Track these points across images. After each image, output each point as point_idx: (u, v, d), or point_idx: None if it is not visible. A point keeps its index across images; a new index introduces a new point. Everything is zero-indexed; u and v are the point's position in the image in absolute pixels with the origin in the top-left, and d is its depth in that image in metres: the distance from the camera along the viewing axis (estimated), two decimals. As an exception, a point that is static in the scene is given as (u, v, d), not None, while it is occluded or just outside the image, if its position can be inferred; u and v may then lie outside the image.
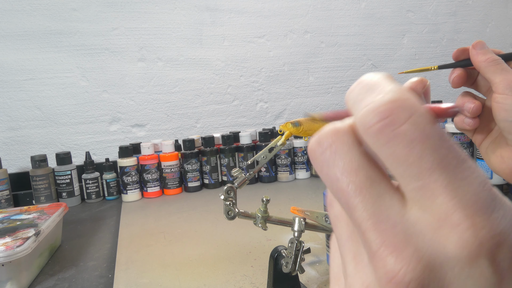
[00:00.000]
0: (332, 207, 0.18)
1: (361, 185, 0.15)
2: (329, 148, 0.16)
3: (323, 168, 0.16)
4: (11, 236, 0.66)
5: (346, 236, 0.17)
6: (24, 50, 1.22)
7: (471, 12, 1.75)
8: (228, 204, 0.50)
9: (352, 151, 0.16)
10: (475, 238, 0.14)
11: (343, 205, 0.16)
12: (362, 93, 0.16)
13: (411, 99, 0.15)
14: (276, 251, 0.53)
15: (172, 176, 1.16)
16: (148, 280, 0.64)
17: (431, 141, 0.14)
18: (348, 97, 0.17)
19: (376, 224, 0.15)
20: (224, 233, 0.81)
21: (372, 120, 0.15)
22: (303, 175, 1.25)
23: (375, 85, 0.16)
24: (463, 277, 0.14)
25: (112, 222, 0.96)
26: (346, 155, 0.16)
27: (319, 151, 0.17)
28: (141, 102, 1.35)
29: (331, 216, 0.19)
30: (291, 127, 0.53)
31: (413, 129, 0.14)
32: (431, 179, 0.14)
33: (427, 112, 0.15)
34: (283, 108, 1.51)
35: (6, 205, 1.08)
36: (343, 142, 0.16)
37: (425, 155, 0.14)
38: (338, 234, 0.18)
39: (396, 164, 0.15)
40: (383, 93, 0.15)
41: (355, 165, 0.16)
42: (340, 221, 0.18)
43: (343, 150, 0.16)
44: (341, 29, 1.56)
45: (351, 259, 0.17)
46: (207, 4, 1.39)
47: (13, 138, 1.24)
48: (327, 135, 0.17)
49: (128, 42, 1.32)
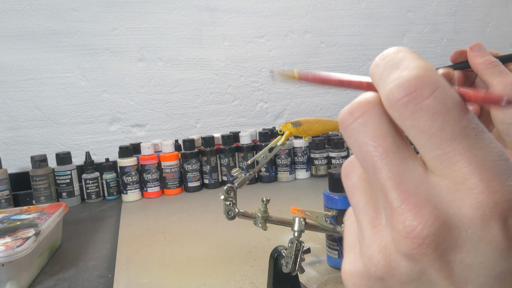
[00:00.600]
0: (348, 178, 0.20)
1: (388, 149, 0.17)
2: (360, 117, 0.17)
3: (353, 135, 0.18)
4: (11, 236, 0.66)
5: (363, 203, 0.18)
6: (24, 50, 1.22)
7: (471, 12, 1.75)
8: (228, 204, 0.50)
9: (381, 119, 0.17)
10: (489, 201, 0.15)
11: (368, 167, 0.17)
12: (388, 68, 0.17)
13: (434, 75, 0.16)
14: (276, 251, 0.53)
15: (172, 176, 1.16)
16: (148, 280, 0.64)
17: (452, 113, 0.15)
18: (373, 72, 0.18)
19: (399, 184, 0.16)
20: (224, 233, 0.81)
21: (398, 95, 0.16)
22: (303, 175, 1.25)
23: (400, 61, 0.17)
24: (475, 239, 0.15)
25: (112, 222, 0.96)
26: (376, 122, 0.17)
27: (350, 119, 0.18)
28: (141, 102, 1.35)
29: (348, 186, 0.20)
30: (291, 127, 0.53)
31: (436, 103, 0.16)
32: (451, 148, 0.15)
33: (449, 87, 0.16)
34: (283, 108, 1.52)
35: (6, 205, 1.08)
36: (373, 111, 0.17)
37: (446, 126, 0.15)
38: (355, 202, 0.19)
39: (419, 135, 0.16)
40: (409, 69, 0.16)
41: (383, 131, 0.17)
42: (358, 189, 0.19)
43: (373, 118, 0.17)
44: (341, 29, 1.56)
45: (367, 223, 0.18)
46: (207, 4, 1.39)
47: (13, 138, 1.24)
48: (359, 105, 0.18)
49: (128, 42, 1.32)
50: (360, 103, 0.18)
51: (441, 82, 0.16)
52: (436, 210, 0.15)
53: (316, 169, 1.25)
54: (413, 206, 0.15)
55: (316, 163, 1.24)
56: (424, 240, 0.15)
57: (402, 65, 0.17)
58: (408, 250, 0.15)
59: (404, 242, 0.15)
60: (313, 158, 1.25)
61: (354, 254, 0.19)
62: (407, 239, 0.15)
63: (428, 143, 0.16)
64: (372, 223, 0.18)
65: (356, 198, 0.19)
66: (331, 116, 1.58)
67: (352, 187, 0.19)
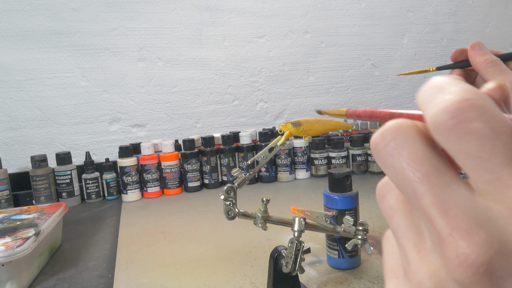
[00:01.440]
0: (385, 200, 0.19)
1: (428, 174, 0.16)
2: (393, 140, 0.17)
3: (387, 159, 0.17)
4: (11, 236, 0.66)
5: (404, 227, 0.18)
6: (24, 50, 1.22)
7: (471, 12, 1.75)
8: (228, 204, 0.50)
9: (416, 143, 0.17)
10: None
11: (408, 193, 0.17)
12: (433, 94, 0.17)
13: (481, 98, 0.16)
14: (276, 251, 0.53)
15: (172, 176, 1.16)
16: (148, 280, 0.64)
17: (502, 138, 0.15)
18: (419, 98, 0.18)
19: (446, 210, 0.15)
20: (224, 233, 0.81)
21: (443, 118, 0.15)
22: (303, 175, 1.25)
23: (445, 86, 0.17)
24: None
25: (112, 222, 0.96)
26: (411, 146, 0.17)
27: (382, 143, 0.17)
28: (141, 102, 1.35)
29: (385, 208, 0.19)
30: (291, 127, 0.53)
31: (484, 127, 0.15)
32: (504, 173, 0.15)
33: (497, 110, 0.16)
34: (283, 108, 1.52)
35: (6, 205, 1.08)
36: (406, 134, 0.17)
37: (496, 151, 0.15)
38: (396, 225, 0.18)
39: (468, 159, 0.15)
40: (454, 93, 0.16)
41: (419, 155, 0.16)
42: (396, 212, 0.18)
43: (407, 141, 0.17)
44: (341, 29, 1.56)
45: (411, 248, 0.17)
46: (207, 4, 1.39)
47: (13, 138, 1.24)
48: (391, 129, 0.17)
49: (128, 42, 1.32)
50: (391, 126, 0.17)
51: (489, 105, 0.16)
52: (490, 237, 0.15)
53: (316, 169, 1.25)
54: (465, 234, 0.15)
55: (316, 163, 1.24)
56: (479, 269, 0.14)
57: (447, 89, 0.16)
58: (462, 279, 0.15)
59: (457, 270, 0.15)
60: (313, 158, 1.25)
61: (398, 279, 0.19)
62: (460, 267, 0.15)
63: (478, 167, 0.15)
64: (416, 248, 0.17)
65: (395, 221, 0.18)
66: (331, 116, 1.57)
67: (390, 209, 0.19)
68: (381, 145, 0.17)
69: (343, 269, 0.62)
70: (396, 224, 0.18)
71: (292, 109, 1.53)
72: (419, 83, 1.69)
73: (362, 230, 0.53)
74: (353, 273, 0.61)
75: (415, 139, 0.17)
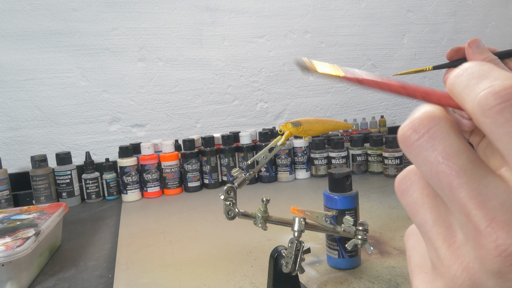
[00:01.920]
0: (407, 195, 0.19)
1: (464, 167, 0.16)
2: (427, 133, 0.17)
3: (421, 153, 0.17)
4: (11, 236, 0.66)
5: (432, 221, 0.18)
6: (24, 50, 1.22)
7: (471, 12, 1.75)
8: (228, 204, 0.50)
9: (451, 136, 0.17)
10: None
11: (443, 187, 0.17)
12: (475, 78, 0.17)
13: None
14: (276, 251, 0.53)
15: (172, 176, 1.16)
16: (148, 280, 0.64)
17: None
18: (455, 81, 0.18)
19: (484, 202, 0.15)
20: (224, 233, 0.81)
21: (493, 102, 0.16)
22: (303, 175, 1.25)
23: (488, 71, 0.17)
24: None
25: (112, 222, 0.96)
26: (446, 139, 0.17)
27: (414, 136, 0.17)
28: (141, 102, 1.35)
29: (408, 203, 0.19)
30: (291, 127, 0.53)
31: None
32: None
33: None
34: (283, 108, 1.52)
35: (6, 205, 1.08)
36: (441, 127, 0.17)
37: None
38: (422, 220, 0.18)
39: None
40: (502, 79, 0.16)
41: (455, 148, 0.17)
42: (422, 206, 0.18)
43: (443, 134, 0.17)
44: (341, 29, 1.56)
45: (441, 242, 0.17)
46: (207, 4, 1.39)
47: (13, 138, 1.24)
48: (423, 121, 0.17)
49: (128, 42, 1.32)
50: (424, 118, 0.17)
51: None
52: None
53: (316, 169, 1.25)
54: (504, 225, 0.15)
55: (316, 163, 1.24)
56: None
57: (492, 75, 0.17)
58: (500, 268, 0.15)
59: (496, 260, 0.15)
60: (313, 158, 1.25)
61: (427, 274, 0.19)
62: (499, 257, 0.15)
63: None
64: (446, 242, 0.17)
65: (421, 216, 0.18)
66: (331, 116, 1.58)
67: (414, 204, 0.19)
68: (413, 139, 0.17)
69: (343, 269, 0.62)
70: (422, 219, 0.18)
71: (292, 109, 1.53)
72: (419, 83, 1.69)
73: (362, 230, 0.53)
74: (353, 273, 0.61)
75: (449, 132, 0.17)
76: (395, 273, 0.60)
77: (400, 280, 0.58)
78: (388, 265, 0.63)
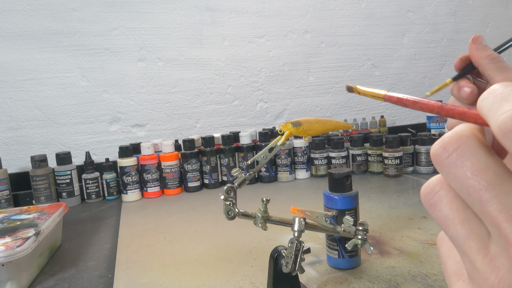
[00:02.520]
0: (437, 209, 0.20)
1: (493, 182, 0.17)
2: (455, 151, 0.18)
3: (451, 169, 0.18)
4: (11, 236, 0.66)
5: (464, 235, 0.18)
6: (24, 50, 1.22)
7: (471, 12, 1.75)
8: (228, 204, 0.50)
9: (478, 153, 0.18)
10: None
11: (473, 201, 0.17)
12: (498, 101, 0.18)
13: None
14: (276, 251, 0.53)
15: (172, 176, 1.16)
16: (148, 280, 0.64)
17: None
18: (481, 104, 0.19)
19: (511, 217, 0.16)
20: (224, 233, 0.81)
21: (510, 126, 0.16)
22: (303, 175, 1.25)
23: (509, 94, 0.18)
24: None
25: (112, 222, 0.96)
26: (473, 156, 0.18)
27: (445, 154, 0.18)
28: (141, 102, 1.35)
29: (439, 217, 0.20)
30: (291, 127, 0.53)
31: None
32: None
33: None
34: (283, 108, 1.52)
35: (6, 205, 1.08)
36: (468, 145, 0.18)
37: None
38: (455, 235, 0.19)
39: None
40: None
41: (482, 164, 0.17)
42: (452, 221, 0.19)
43: (470, 151, 0.18)
44: (341, 29, 1.56)
45: (475, 255, 0.18)
46: (207, 4, 1.39)
47: (13, 138, 1.24)
48: (451, 140, 0.18)
49: (128, 42, 1.32)
50: (452, 137, 0.18)
51: None
52: None
53: (316, 169, 1.25)
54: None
55: (316, 163, 1.24)
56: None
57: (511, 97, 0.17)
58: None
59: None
60: (313, 158, 1.25)
61: (465, 282, 0.19)
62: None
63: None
64: (481, 254, 0.18)
65: (453, 231, 0.19)
66: (331, 116, 1.58)
67: (445, 219, 0.19)
68: (443, 156, 0.18)
69: (343, 269, 0.62)
70: (454, 234, 0.19)
71: (292, 109, 1.53)
72: (419, 83, 1.69)
73: (362, 230, 0.53)
74: (353, 273, 0.61)
75: (476, 149, 0.18)
76: (395, 273, 0.60)
77: (400, 280, 0.58)
78: (388, 265, 0.63)
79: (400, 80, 1.66)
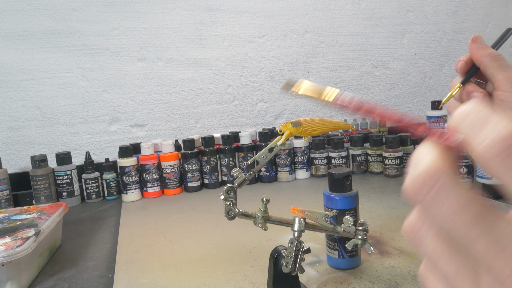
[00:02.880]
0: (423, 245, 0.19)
1: (475, 218, 0.16)
2: (432, 190, 0.17)
3: (430, 208, 0.17)
4: (11, 236, 0.66)
5: (454, 271, 0.18)
6: (24, 50, 1.22)
7: (471, 12, 1.75)
8: (228, 204, 0.50)
9: (456, 189, 0.17)
10: None
11: (459, 238, 0.17)
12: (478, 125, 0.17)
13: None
14: (276, 251, 0.53)
15: (172, 176, 1.16)
16: (148, 280, 0.64)
17: None
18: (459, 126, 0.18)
19: (501, 251, 0.16)
20: (224, 233, 0.81)
21: (498, 150, 0.16)
22: (303, 175, 1.25)
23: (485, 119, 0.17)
24: None
25: (112, 222, 0.96)
26: (452, 193, 0.17)
27: (421, 194, 0.18)
28: (141, 102, 1.35)
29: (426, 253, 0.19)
30: (291, 127, 0.53)
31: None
32: None
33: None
34: (283, 108, 1.52)
35: (6, 205, 1.08)
36: (444, 182, 0.17)
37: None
38: (445, 272, 0.19)
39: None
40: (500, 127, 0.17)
41: (463, 201, 0.17)
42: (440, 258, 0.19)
43: (447, 189, 0.17)
44: (341, 29, 1.56)
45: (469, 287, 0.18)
46: (207, 4, 1.39)
47: (13, 138, 1.24)
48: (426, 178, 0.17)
49: (128, 42, 1.32)
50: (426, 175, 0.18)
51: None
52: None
53: (316, 169, 1.25)
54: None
55: (316, 163, 1.24)
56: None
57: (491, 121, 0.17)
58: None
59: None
60: (313, 158, 1.25)
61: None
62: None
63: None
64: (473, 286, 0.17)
65: (443, 267, 0.19)
66: (331, 116, 1.58)
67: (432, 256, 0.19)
68: (420, 196, 0.18)
69: (343, 269, 0.62)
70: (444, 270, 0.19)
71: (292, 109, 1.53)
72: (419, 83, 1.69)
73: (362, 230, 0.53)
74: (353, 273, 0.61)
75: (454, 185, 0.17)
76: (395, 273, 0.60)
77: (400, 280, 0.58)
78: (388, 265, 0.63)
79: (400, 81, 1.66)
